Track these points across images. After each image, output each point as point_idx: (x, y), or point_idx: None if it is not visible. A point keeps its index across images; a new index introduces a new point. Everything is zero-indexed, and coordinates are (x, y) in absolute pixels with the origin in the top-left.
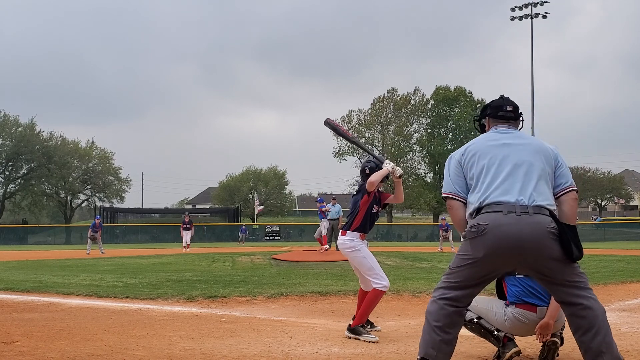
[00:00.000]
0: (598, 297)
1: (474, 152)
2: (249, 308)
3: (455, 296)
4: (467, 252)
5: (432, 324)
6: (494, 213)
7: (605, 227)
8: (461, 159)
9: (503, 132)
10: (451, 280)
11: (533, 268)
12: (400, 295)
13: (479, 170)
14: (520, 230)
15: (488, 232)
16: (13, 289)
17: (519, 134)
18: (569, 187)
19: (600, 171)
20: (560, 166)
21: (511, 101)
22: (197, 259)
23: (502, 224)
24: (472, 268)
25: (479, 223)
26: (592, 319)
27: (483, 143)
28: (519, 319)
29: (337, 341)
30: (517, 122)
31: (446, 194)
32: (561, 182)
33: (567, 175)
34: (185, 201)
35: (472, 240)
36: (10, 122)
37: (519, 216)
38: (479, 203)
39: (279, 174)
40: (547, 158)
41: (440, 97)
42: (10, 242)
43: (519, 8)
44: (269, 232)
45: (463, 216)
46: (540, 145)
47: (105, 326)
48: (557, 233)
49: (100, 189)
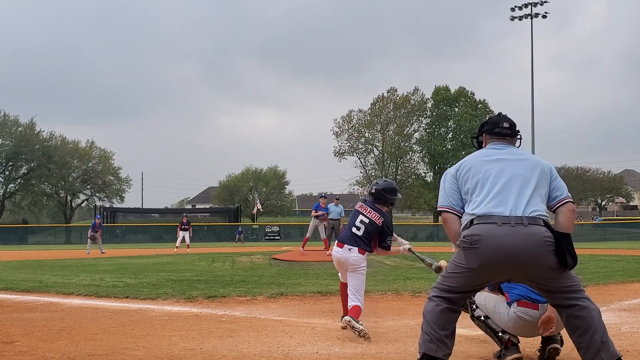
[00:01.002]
0: (598, 297)
1: (469, 167)
2: (248, 308)
3: (450, 297)
4: (462, 262)
5: (429, 321)
6: (487, 224)
7: (605, 227)
8: (456, 174)
9: (498, 148)
10: (446, 283)
11: (528, 277)
12: (400, 295)
13: (473, 184)
14: (515, 241)
15: (482, 244)
16: (13, 288)
17: (515, 150)
18: (565, 198)
19: (600, 171)
20: (555, 179)
21: (508, 118)
22: (197, 259)
23: (496, 235)
24: (466, 277)
25: (472, 234)
26: (588, 320)
27: (478, 158)
28: (522, 318)
29: (337, 341)
30: (513, 140)
31: (442, 208)
32: (557, 194)
33: (563, 188)
34: (185, 201)
35: (466, 250)
36: (10, 122)
37: (514, 227)
38: (473, 215)
39: (279, 174)
40: (542, 173)
41: (440, 97)
42: (10, 242)
43: (519, 8)
44: (269, 232)
45: (457, 229)
46: (536, 161)
47: (105, 326)
48: (552, 242)
49: (100, 188)
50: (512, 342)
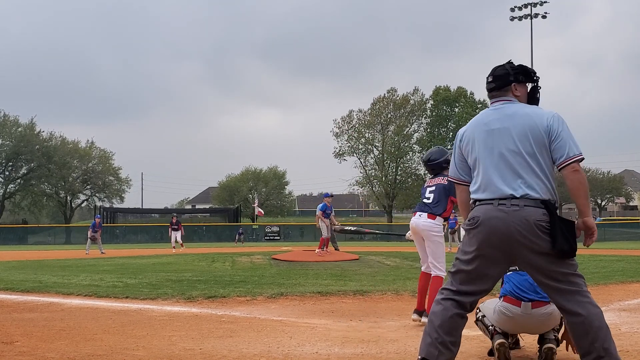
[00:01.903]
0: (598, 298)
1: (468, 141)
2: (248, 308)
3: (460, 300)
4: (467, 247)
5: (435, 325)
6: (484, 205)
7: (605, 227)
8: (460, 145)
9: (494, 110)
10: (456, 280)
11: (526, 262)
12: (400, 295)
13: (473, 162)
14: (507, 225)
15: (480, 225)
16: (13, 289)
17: (507, 111)
18: (566, 160)
19: (600, 171)
20: (556, 138)
21: (498, 68)
22: (197, 259)
23: (491, 217)
24: (475, 263)
25: (473, 216)
26: (589, 326)
27: (475, 128)
28: (503, 312)
29: (337, 341)
30: (503, 92)
31: (450, 179)
32: (557, 156)
33: (563, 147)
34: (185, 201)
35: (469, 232)
36: (10, 122)
37: (509, 209)
38: (475, 195)
39: (279, 174)
40: (536, 138)
41: (440, 97)
42: (10, 242)
43: (519, 8)
44: (269, 232)
45: (466, 199)
46: (529, 124)
47: (105, 326)
48: (547, 227)
49: (100, 189)
50: (497, 331)
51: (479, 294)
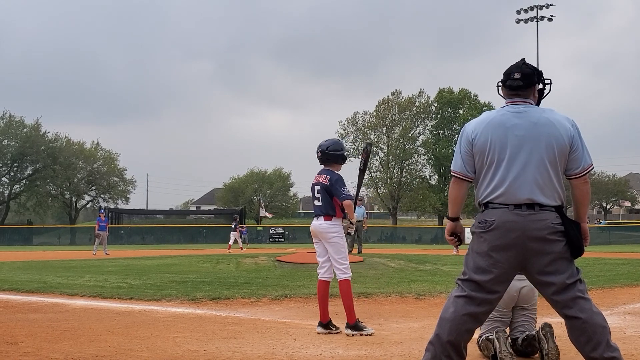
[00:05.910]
0: (603, 301)
1: (485, 140)
2: (253, 310)
3: (474, 311)
4: (478, 249)
5: (443, 328)
6: (499, 209)
7: (610, 231)
8: (472, 139)
9: (515, 114)
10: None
11: (535, 266)
12: (405, 297)
13: (488, 162)
14: (524, 228)
15: (496, 228)
16: (18, 289)
17: (531, 117)
18: (581, 172)
19: (605, 174)
20: (576, 149)
21: (524, 66)
22: (201, 261)
23: (507, 220)
24: (486, 261)
25: (486, 219)
26: (590, 332)
27: (495, 129)
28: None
29: (340, 343)
30: (528, 92)
31: (455, 173)
32: (573, 166)
33: (580, 159)
34: (190, 202)
35: (480, 235)
36: (15, 123)
37: (525, 213)
38: (488, 197)
39: (284, 176)
40: (560, 149)
41: (444, 99)
42: (15, 243)
43: (525, 11)
44: (273, 234)
45: (463, 195)
46: (554, 134)
47: (110, 327)
48: (561, 229)
49: (105, 190)
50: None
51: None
